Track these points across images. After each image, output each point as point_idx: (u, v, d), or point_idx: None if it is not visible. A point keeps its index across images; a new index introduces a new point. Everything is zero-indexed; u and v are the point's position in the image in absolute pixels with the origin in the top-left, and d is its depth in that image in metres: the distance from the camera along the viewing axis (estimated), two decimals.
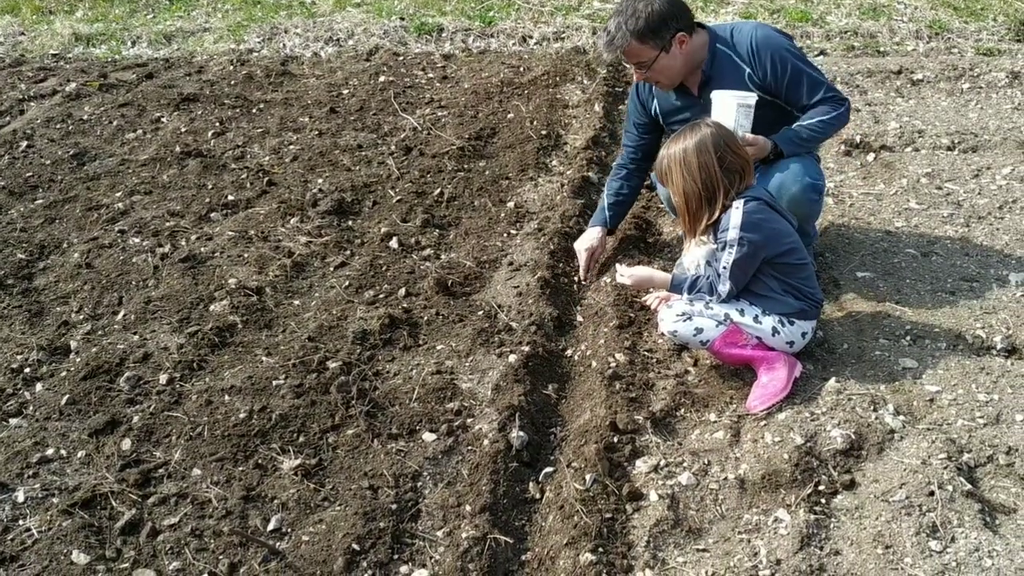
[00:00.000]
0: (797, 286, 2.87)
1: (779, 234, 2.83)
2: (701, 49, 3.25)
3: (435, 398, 2.95)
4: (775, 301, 2.87)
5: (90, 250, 4.10)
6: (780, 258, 2.83)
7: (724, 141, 2.78)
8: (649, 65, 3.19)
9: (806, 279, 2.90)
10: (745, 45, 3.22)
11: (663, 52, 3.16)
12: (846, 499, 2.43)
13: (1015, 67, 5.79)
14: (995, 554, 2.19)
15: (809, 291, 2.90)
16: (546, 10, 7.70)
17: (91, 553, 2.40)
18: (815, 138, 3.27)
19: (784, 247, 2.83)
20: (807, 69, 3.22)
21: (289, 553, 2.39)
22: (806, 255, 2.94)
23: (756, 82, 3.21)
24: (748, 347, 2.86)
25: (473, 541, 2.34)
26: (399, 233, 4.08)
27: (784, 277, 2.86)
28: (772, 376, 2.81)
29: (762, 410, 2.74)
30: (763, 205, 2.80)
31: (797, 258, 2.86)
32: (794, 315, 2.87)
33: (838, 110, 3.22)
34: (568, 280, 3.69)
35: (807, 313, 2.90)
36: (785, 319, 2.87)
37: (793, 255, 2.85)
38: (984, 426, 2.65)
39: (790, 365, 2.84)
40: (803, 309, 2.88)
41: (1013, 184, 4.19)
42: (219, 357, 3.25)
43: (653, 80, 3.30)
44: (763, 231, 2.76)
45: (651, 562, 2.28)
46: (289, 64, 6.95)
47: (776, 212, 2.87)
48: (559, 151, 5.02)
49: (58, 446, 2.84)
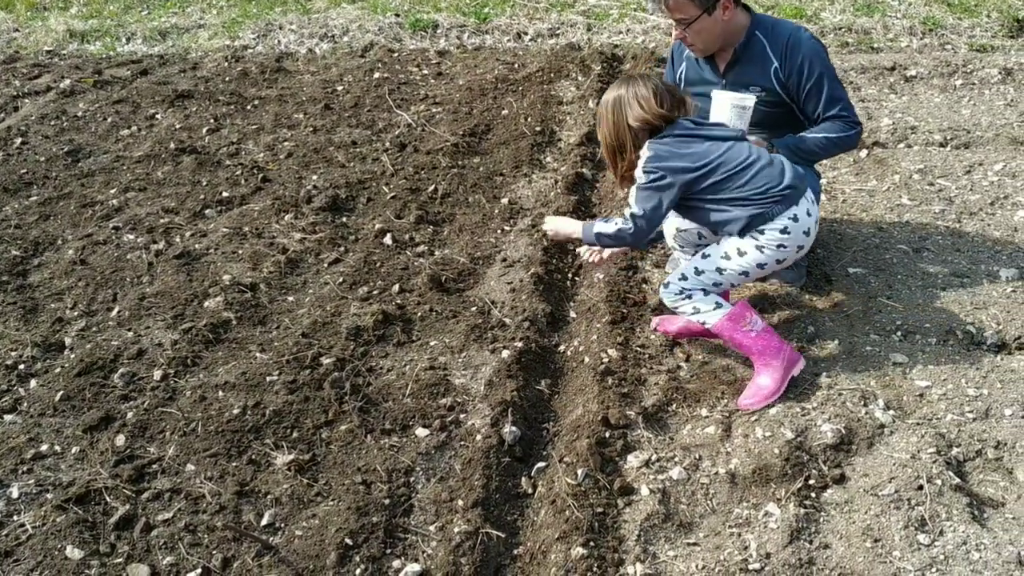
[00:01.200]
0: (740, 196, 2.75)
1: (690, 160, 2.74)
2: (740, 29, 3.26)
3: (428, 394, 2.97)
4: (729, 221, 2.79)
5: (84, 247, 4.11)
6: (704, 181, 2.76)
7: (641, 100, 2.77)
8: (689, 23, 3.17)
9: (748, 183, 2.75)
10: (782, 41, 3.23)
11: (706, 13, 3.15)
12: (836, 493, 2.45)
13: (1008, 63, 5.81)
14: (983, 547, 2.20)
15: (759, 193, 2.75)
16: (541, 6, 7.71)
17: (85, 548, 2.41)
18: (816, 153, 3.28)
19: (699, 171, 2.74)
20: (831, 82, 3.22)
21: (282, 548, 2.40)
22: (738, 164, 2.75)
23: (780, 79, 3.22)
24: (753, 333, 2.81)
25: (465, 535, 2.35)
26: (393, 229, 4.09)
27: (721, 195, 2.77)
28: (768, 375, 2.80)
29: (754, 410, 2.75)
30: (671, 141, 2.77)
31: (724, 172, 2.75)
32: (756, 223, 2.76)
33: (847, 132, 3.23)
34: (561, 276, 3.70)
35: (772, 211, 2.75)
36: (756, 233, 2.78)
37: (717, 172, 2.75)
38: (973, 420, 2.67)
39: (788, 363, 2.80)
40: (759, 213, 2.75)
41: (1005, 180, 4.20)
42: (213, 353, 3.26)
43: (689, 42, 3.28)
44: (666, 166, 2.74)
45: (642, 556, 2.30)
46: (284, 61, 6.95)
47: (696, 137, 2.79)
48: (553, 147, 5.03)
49: (52, 442, 2.85)
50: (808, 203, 2.82)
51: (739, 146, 2.81)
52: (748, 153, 2.79)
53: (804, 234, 2.80)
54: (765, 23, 3.29)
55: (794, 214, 2.77)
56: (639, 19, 7.32)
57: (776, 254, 2.79)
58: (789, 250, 2.79)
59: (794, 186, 2.78)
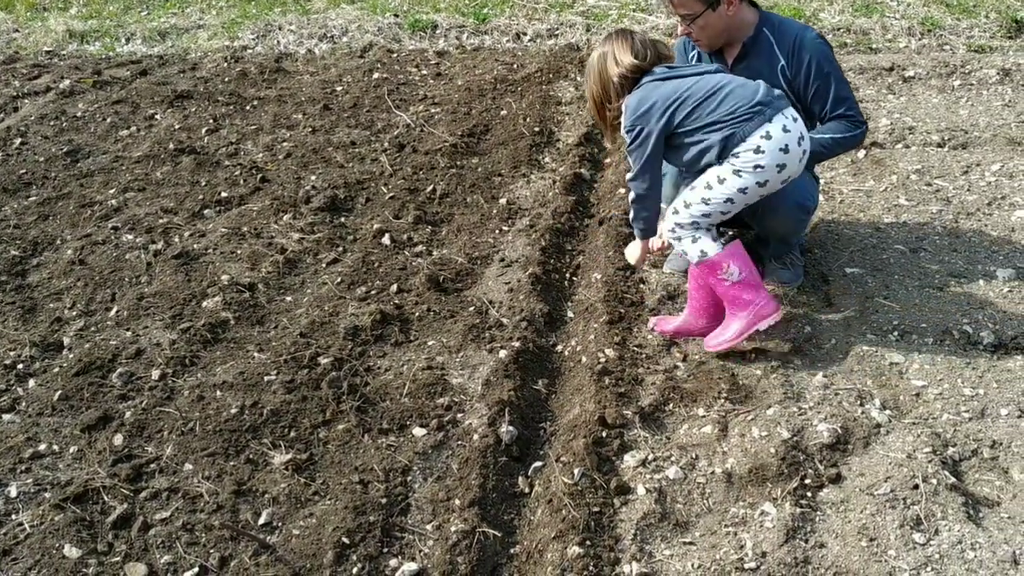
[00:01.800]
0: (711, 122, 2.81)
1: (660, 100, 2.86)
2: (747, 25, 3.27)
3: (425, 393, 2.97)
4: (703, 151, 2.86)
5: (83, 247, 4.11)
6: (677, 115, 2.85)
7: (619, 52, 2.97)
8: (694, 19, 3.18)
9: (718, 108, 2.81)
10: (789, 40, 3.24)
11: (710, 8, 3.16)
12: (832, 492, 2.45)
13: (1006, 64, 5.81)
14: (978, 546, 2.21)
15: (728, 114, 2.79)
16: (540, 7, 7.71)
17: (83, 547, 2.41)
18: (822, 154, 3.29)
19: (670, 107, 2.85)
20: (838, 83, 3.23)
21: (279, 547, 2.40)
22: (708, 90, 2.83)
23: (787, 77, 3.23)
24: (727, 283, 2.91)
25: (462, 534, 2.36)
26: (391, 230, 4.09)
27: (695, 125, 2.84)
28: (734, 324, 2.95)
29: (714, 351, 2.98)
30: (644, 87, 2.93)
31: (694, 101, 2.82)
32: (730, 146, 2.80)
33: (853, 132, 3.25)
34: (559, 276, 3.71)
35: (744, 130, 2.78)
36: (732, 157, 2.81)
37: (688, 103, 2.83)
38: (969, 420, 2.67)
39: (755, 317, 2.90)
40: (730, 134, 2.79)
41: (1002, 181, 4.21)
42: (211, 353, 3.26)
43: (695, 37, 3.30)
44: (640, 115, 2.89)
45: (638, 555, 2.31)
46: (283, 61, 6.96)
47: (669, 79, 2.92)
48: (552, 148, 5.03)
49: (50, 441, 2.85)
50: (785, 119, 2.80)
51: (710, 76, 2.91)
52: (719, 80, 2.88)
53: (781, 151, 2.77)
54: (772, 20, 3.30)
55: (767, 131, 2.77)
56: (638, 20, 7.33)
57: (755, 176, 2.79)
58: (768, 171, 2.79)
59: (765, 102, 2.80)
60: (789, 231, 3.31)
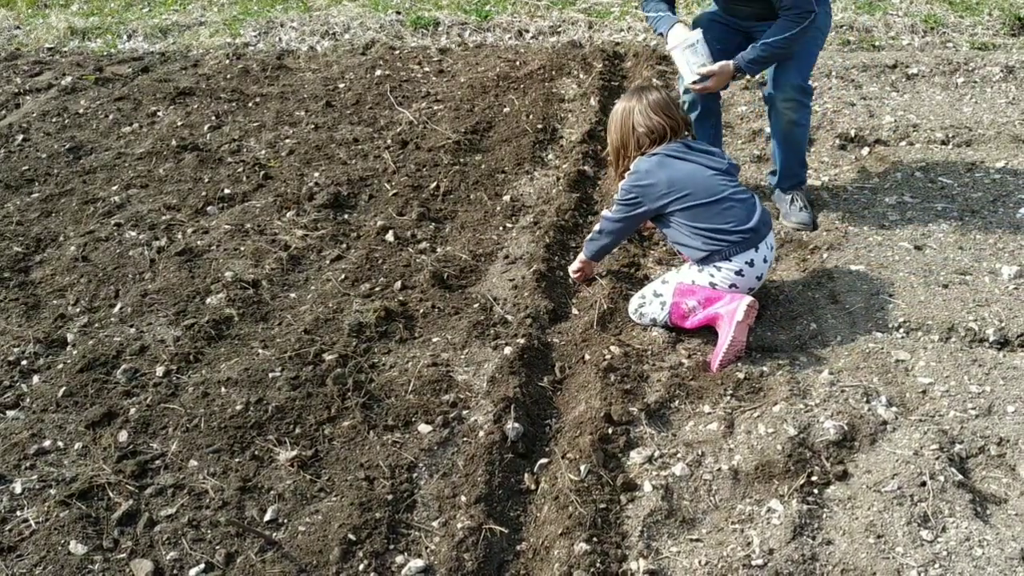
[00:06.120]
0: (706, 228, 3.05)
1: (666, 183, 3.07)
2: None
3: (431, 390, 2.97)
4: (689, 247, 3.12)
5: (86, 243, 4.11)
6: (675, 205, 3.08)
7: (648, 109, 3.19)
8: None
9: (715, 218, 3.05)
10: None
11: None
12: (838, 489, 2.45)
13: (1009, 62, 5.80)
14: (985, 544, 2.21)
15: (722, 231, 3.04)
16: (542, 4, 7.70)
17: (88, 543, 2.41)
18: (777, 54, 3.56)
19: (671, 196, 3.07)
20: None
21: (285, 543, 2.40)
22: (710, 197, 3.06)
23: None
24: (698, 317, 3.04)
25: (468, 531, 2.35)
26: (395, 226, 4.09)
27: (689, 221, 3.07)
28: (719, 333, 3.00)
29: (718, 366, 2.95)
30: (657, 159, 3.14)
31: (695, 201, 3.05)
32: (715, 259, 3.07)
33: (802, 23, 3.45)
34: (563, 273, 3.70)
35: (729, 250, 3.05)
36: (713, 268, 3.09)
37: (688, 200, 3.06)
38: (976, 417, 2.67)
39: (728, 319, 2.94)
40: (718, 250, 3.05)
41: (1007, 178, 4.20)
42: (215, 350, 3.26)
43: None
44: (643, 186, 3.13)
45: (645, 552, 2.30)
46: (285, 58, 6.94)
47: (682, 159, 3.11)
48: (555, 145, 5.03)
49: (55, 438, 2.85)
50: (766, 249, 3.14)
51: (718, 178, 3.10)
52: (723, 189, 3.07)
53: (756, 279, 3.14)
54: None
55: (750, 259, 3.09)
56: (640, 17, 7.31)
57: (726, 287, 3.10)
58: (740, 289, 3.10)
59: (756, 230, 3.07)
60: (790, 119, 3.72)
